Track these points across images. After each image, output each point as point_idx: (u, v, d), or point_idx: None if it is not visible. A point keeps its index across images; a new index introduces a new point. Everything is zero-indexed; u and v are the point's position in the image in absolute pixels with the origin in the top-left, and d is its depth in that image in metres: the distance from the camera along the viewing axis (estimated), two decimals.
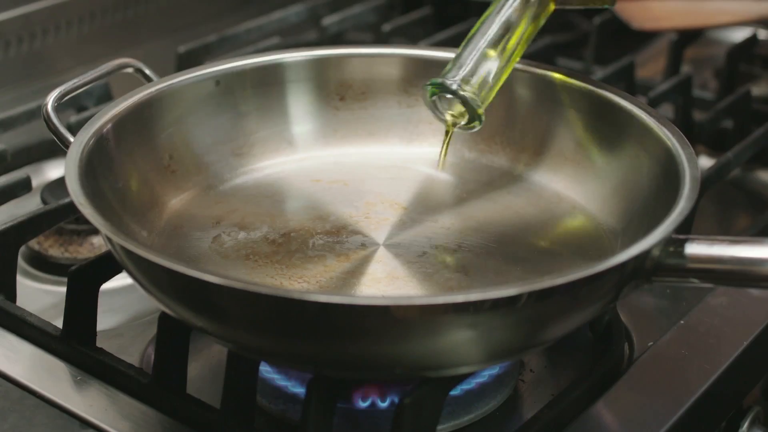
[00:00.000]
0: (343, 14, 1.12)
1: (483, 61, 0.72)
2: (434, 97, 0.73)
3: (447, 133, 0.75)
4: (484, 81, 0.72)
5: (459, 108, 0.73)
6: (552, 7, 0.74)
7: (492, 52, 0.72)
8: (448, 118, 0.74)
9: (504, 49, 0.72)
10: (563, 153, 0.75)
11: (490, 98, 0.73)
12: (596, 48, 1.08)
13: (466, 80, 0.72)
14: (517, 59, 0.74)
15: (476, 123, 0.73)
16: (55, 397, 0.64)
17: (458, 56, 0.73)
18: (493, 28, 0.73)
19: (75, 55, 1.04)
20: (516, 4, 0.73)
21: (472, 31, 0.73)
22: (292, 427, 0.63)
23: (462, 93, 0.71)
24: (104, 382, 0.66)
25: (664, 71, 1.06)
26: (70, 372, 0.67)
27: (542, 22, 0.74)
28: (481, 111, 0.72)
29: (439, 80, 0.72)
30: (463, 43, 0.73)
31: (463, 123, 0.74)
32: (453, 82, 0.72)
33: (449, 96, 0.72)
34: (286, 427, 0.64)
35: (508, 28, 0.72)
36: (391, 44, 1.03)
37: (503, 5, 0.73)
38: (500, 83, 0.73)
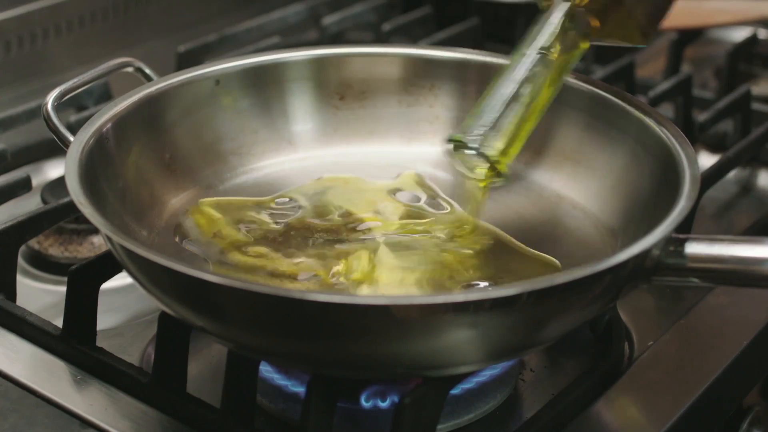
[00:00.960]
0: (343, 14, 1.12)
1: (506, 113, 0.68)
2: (458, 152, 0.68)
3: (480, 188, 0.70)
4: (507, 135, 0.67)
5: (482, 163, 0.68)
6: (583, 46, 0.70)
7: (515, 105, 0.68)
8: (476, 172, 0.69)
9: (529, 100, 0.68)
10: (563, 152, 0.75)
11: (514, 153, 0.69)
12: (596, 48, 1.08)
13: (487, 136, 0.67)
14: (546, 106, 0.70)
15: (500, 179, 0.69)
16: (55, 396, 0.64)
17: (480, 108, 0.68)
18: (512, 86, 0.68)
19: (75, 55, 1.04)
20: (537, 60, 0.68)
21: (494, 81, 0.69)
22: (292, 427, 0.63)
23: (483, 151, 0.67)
24: (104, 382, 0.66)
25: (664, 71, 1.06)
26: (70, 372, 0.67)
27: (575, 62, 0.70)
28: (503, 168, 0.68)
29: (460, 136, 0.68)
30: (485, 93, 0.69)
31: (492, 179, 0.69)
32: (474, 139, 0.67)
33: (469, 152, 0.68)
34: (286, 427, 0.63)
35: (530, 81, 0.68)
36: (391, 44, 1.03)
37: (524, 60, 0.69)
38: (526, 134, 0.69)
